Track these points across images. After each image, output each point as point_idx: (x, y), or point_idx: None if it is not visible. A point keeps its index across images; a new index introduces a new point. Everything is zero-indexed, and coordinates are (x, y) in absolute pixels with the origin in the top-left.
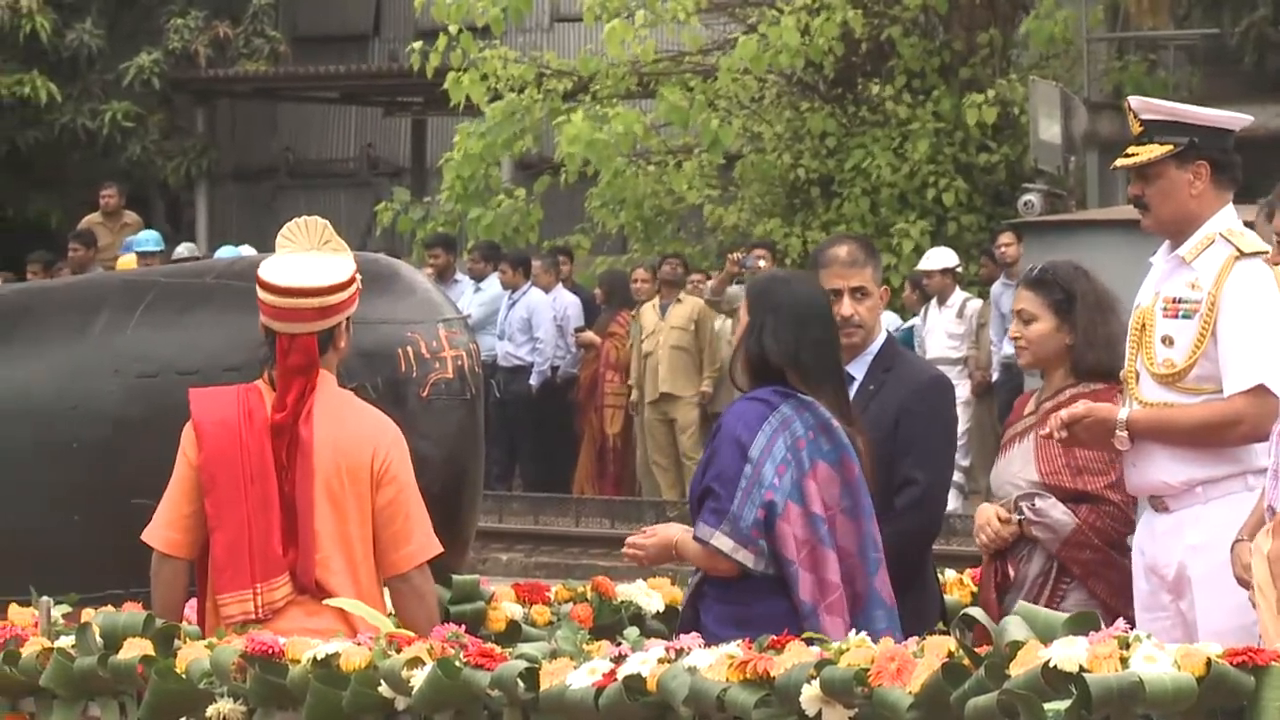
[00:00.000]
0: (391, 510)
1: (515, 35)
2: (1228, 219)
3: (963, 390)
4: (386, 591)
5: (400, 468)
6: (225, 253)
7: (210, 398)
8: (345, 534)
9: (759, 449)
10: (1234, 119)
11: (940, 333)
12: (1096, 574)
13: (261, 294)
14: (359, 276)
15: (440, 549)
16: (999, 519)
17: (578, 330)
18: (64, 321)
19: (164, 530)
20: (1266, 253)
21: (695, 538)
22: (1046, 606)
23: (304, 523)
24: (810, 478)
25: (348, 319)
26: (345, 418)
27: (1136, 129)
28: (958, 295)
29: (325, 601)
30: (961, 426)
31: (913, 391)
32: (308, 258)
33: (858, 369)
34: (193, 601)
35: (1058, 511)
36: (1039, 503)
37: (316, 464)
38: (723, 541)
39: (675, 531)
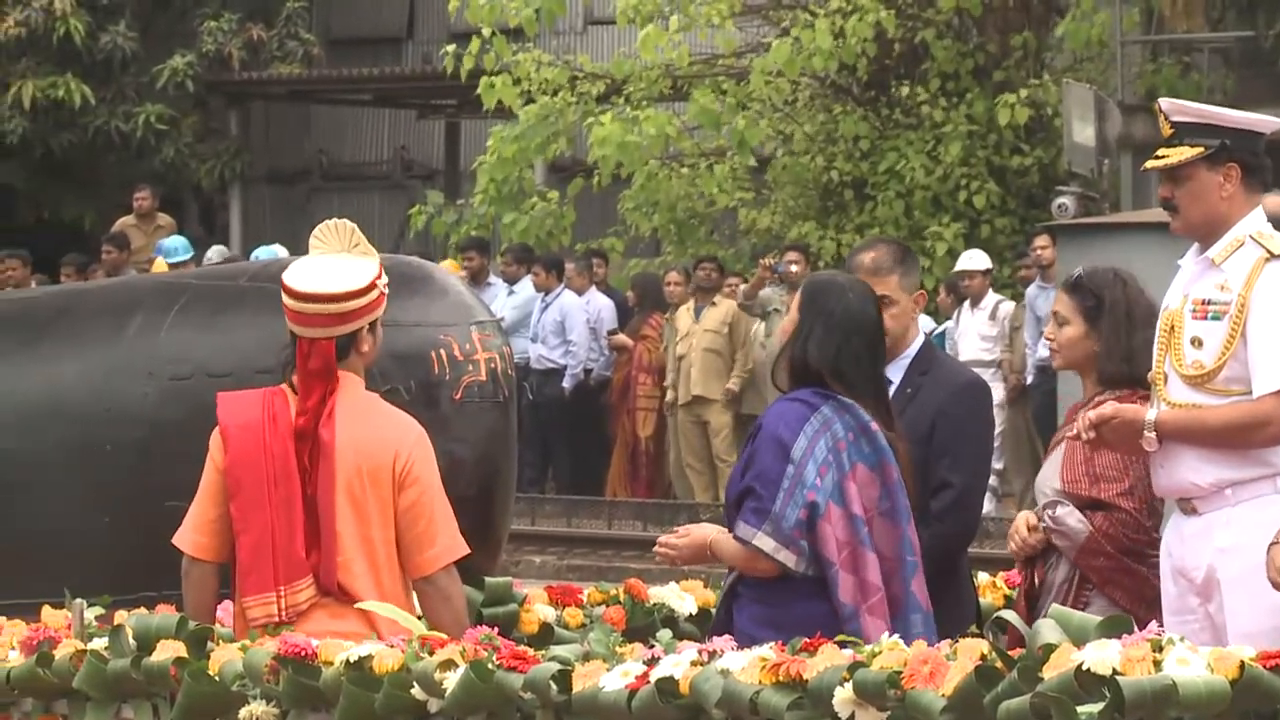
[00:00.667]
0: (415, 512)
1: (549, 38)
2: (1257, 221)
3: (996, 393)
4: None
5: (423, 469)
6: (262, 253)
7: (236, 401)
8: (368, 536)
9: (801, 450)
10: (1265, 122)
11: (973, 335)
12: (1113, 581)
13: (284, 298)
14: (382, 281)
15: (467, 550)
16: (1027, 526)
17: (610, 333)
18: (98, 324)
19: (191, 534)
20: None
21: (736, 537)
22: None
23: (325, 525)
24: (850, 479)
25: (371, 323)
26: (368, 420)
27: (1167, 131)
28: (990, 297)
29: (357, 605)
30: (995, 429)
31: (950, 394)
32: (333, 261)
33: (895, 372)
34: (227, 604)
35: (1073, 520)
36: (1059, 510)
37: (338, 467)
38: (765, 542)
39: (710, 531)
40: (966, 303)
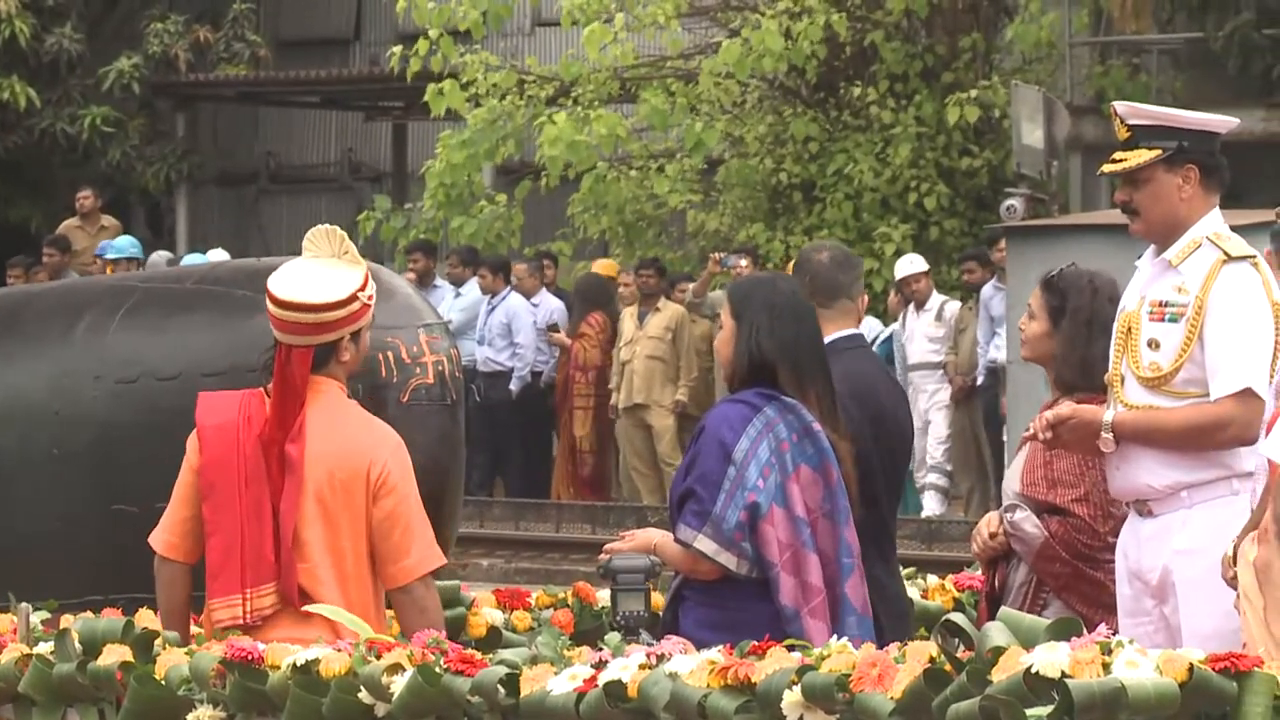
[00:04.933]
0: (389, 523)
1: (496, 40)
2: (1214, 223)
3: (944, 394)
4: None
5: (399, 479)
6: (193, 260)
7: (215, 402)
8: (337, 545)
9: (743, 451)
10: (1221, 122)
11: (920, 337)
12: (1069, 587)
13: (267, 303)
14: (366, 292)
15: (444, 561)
16: (988, 529)
17: (550, 328)
18: (46, 327)
19: (163, 533)
20: (1253, 256)
21: (676, 540)
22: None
23: (285, 532)
24: (793, 480)
25: (354, 333)
26: (343, 429)
27: (1123, 134)
28: (935, 299)
29: (305, 608)
30: (943, 431)
31: None
32: (319, 269)
33: None
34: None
35: (1029, 524)
36: (1016, 515)
37: (307, 474)
38: (705, 544)
39: (655, 535)
40: (911, 305)
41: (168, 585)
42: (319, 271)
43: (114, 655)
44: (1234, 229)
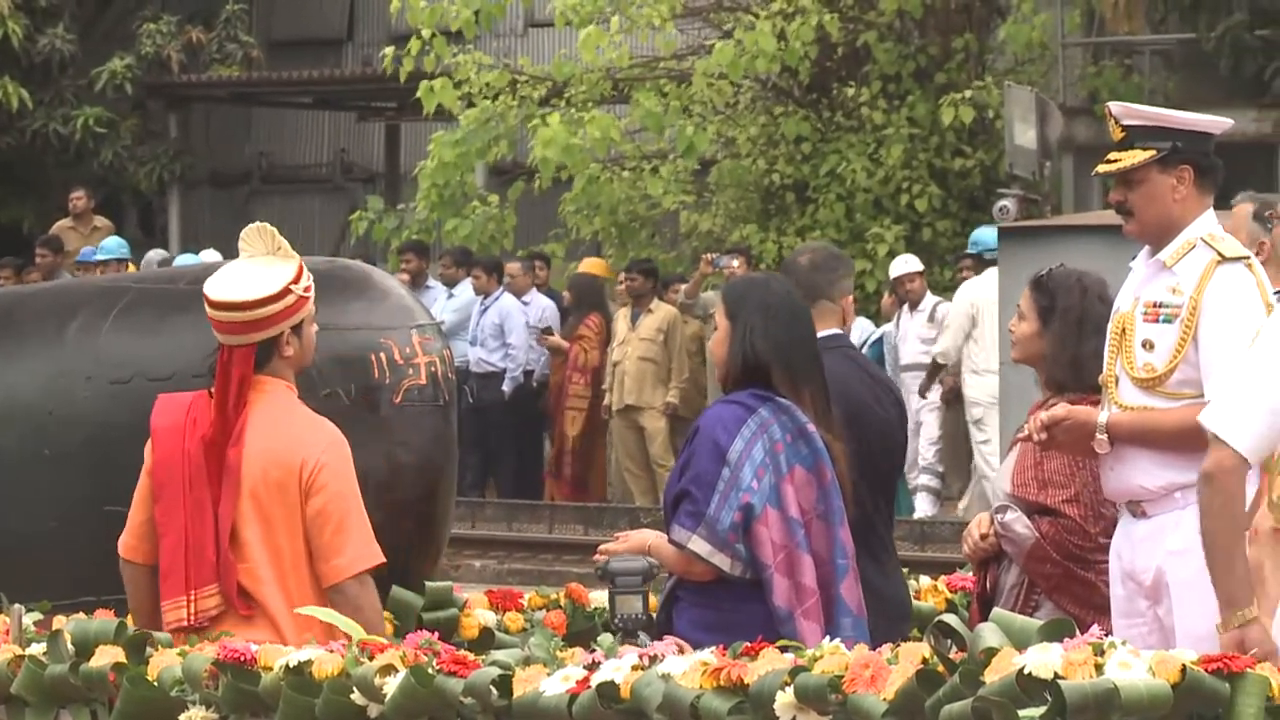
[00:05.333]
0: (321, 521)
1: (489, 40)
2: (1208, 224)
3: (934, 395)
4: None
5: (331, 477)
6: (186, 260)
7: (167, 404)
8: (275, 544)
9: (737, 452)
10: (1216, 122)
11: (913, 338)
12: (1060, 588)
13: (205, 306)
14: (301, 284)
15: (380, 560)
16: (979, 530)
17: (545, 332)
18: (39, 327)
19: (125, 536)
20: (1247, 258)
21: (671, 541)
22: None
23: (223, 532)
24: (788, 481)
25: (296, 326)
26: (283, 428)
27: (1118, 135)
28: (929, 299)
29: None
30: (934, 432)
31: None
32: (251, 267)
33: None
34: None
35: (1020, 525)
36: (1008, 516)
37: (245, 474)
38: (699, 545)
39: (649, 536)
40: (905, 306)
41: (131, 587)
42: (251, 269)
43: (107, 656)
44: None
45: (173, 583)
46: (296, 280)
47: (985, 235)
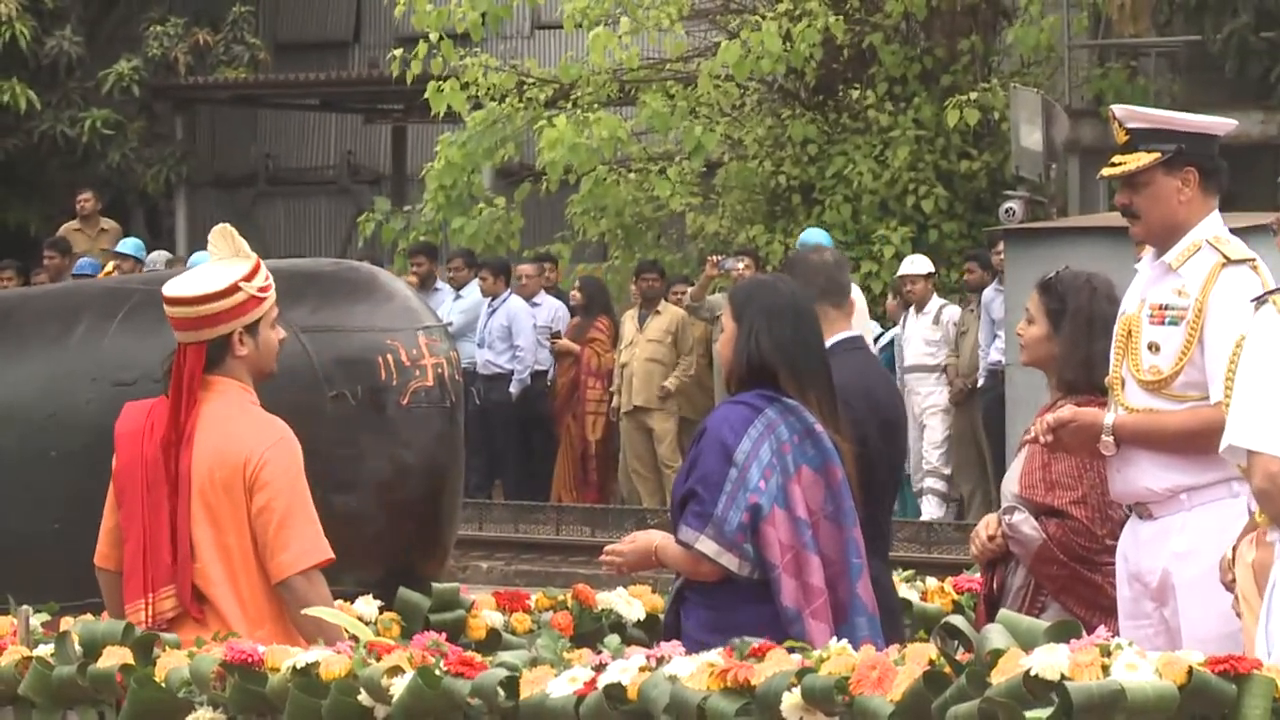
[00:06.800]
0: (264, 518)
1: (496, 42)
2: (1214, 226)
3: (941, 397)
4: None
5: (274, 474)
6: (201, 260)
7: (130, 410)
8: (224, 544)
9: (744, 453)
10: (1220, 124)
11: (917, 340)
12: (1067, 589)
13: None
14: (253, 283)
15: (327, 556)
16: (986, 531)
17: (554, 336)
18: (44, 329)
19: (99, 543)
20: (1253, 259)
21: (678, 541)
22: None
23: (181, 534)
24: (795, 482)
25: (247, 326)
26: (230, 427)
27: (1122, 138)
28: (934, 302)
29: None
30: (941, 434)
31: None
32: (211, 267)
33: None
34: None
35: (1027, 527)
36: (1015, 517)
37: (194, 474)
38: (707, 545)
39: (655, 537)
40: (911, 308)
41: (106, 592)
42: (208, 269)
43: (114, 657)
44: (1232, 231)
45: (134, 586)
46: (249, 278)
47: (812, 235)
